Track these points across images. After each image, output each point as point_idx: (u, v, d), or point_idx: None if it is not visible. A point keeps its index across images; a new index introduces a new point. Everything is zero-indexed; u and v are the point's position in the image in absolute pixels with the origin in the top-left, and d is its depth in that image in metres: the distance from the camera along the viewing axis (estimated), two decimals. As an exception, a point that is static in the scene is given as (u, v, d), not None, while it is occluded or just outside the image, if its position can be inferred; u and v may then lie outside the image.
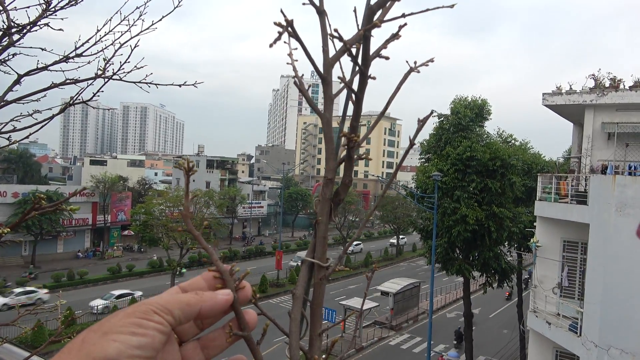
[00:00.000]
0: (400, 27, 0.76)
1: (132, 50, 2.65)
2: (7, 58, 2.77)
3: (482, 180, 23.06)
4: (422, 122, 0.79)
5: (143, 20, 2.73)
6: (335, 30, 0.72)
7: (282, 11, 0.73)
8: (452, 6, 0.82)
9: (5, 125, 2.58)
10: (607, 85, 16.62)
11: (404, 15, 0.78)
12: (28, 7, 2.50)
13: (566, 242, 15.71)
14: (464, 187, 23.30)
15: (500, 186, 23.13)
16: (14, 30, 2.58)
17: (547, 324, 14.80)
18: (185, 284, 0.78)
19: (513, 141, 28.05)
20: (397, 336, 34.60)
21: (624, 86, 16.42)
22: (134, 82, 2.83)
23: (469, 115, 24.03)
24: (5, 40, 2.59)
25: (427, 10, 0.81)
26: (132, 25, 2.71)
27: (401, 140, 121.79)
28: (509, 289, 35.24)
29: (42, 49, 2.81)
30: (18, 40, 2.62)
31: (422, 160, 26.67)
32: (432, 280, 25.11)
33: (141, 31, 2.74)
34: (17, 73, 2.68)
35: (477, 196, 23.26)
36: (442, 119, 24.69)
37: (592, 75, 17.05)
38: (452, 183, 23.41)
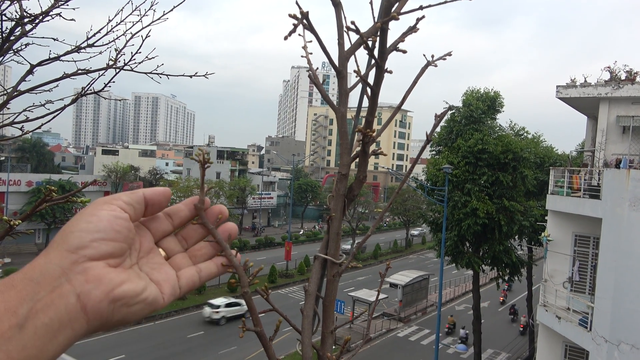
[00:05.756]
0: (418, 19, 0.73)
1: (143, 40, 2.65)
2: (20, 48, 2.78)
3: (494, 173, 22.88)
4: (439, 118, 0.77)
5: (155, 10, 2.72)
6: (352, 23, 0.70)
7: (297, 3, 0.71)
8: (471, -2, 0.79)
9: (18, 115, 2.60)
10: (622, 77, 16.31)
11: (421, 8, 0.75)
12: (40, -4, 2.51)
13: (578, 236, 15.56)
14: (474, 180, 23.14)
15: (511, 179, 22.93)
16: (26, 20, 2.58)
17: (557, 318, 14.70)
18: (167, 209, 0.84)
19: (525, 134, 27.73)
20: (406, 328, 34.68)
21: (641, 79, 16.12)
22: (145, 73, 2.83)
23: (481, 107, 23.78)
24: (18, 30, 2.60)
25: (445, 2, 0.79)
26: (144, 15, 2.70)
27: (412, 132, 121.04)
28: (505, 290, 34.84)
29: (55, 39, 2.82)
30: (30, 30, 2.63)
31: (433, 152, 26.53)
32: (441, 273, 25.05)
33: (152, 21, 2.74)
34: (30, 63, 2.69)
35: (488, 189, 23.10)
36: (453, 111, 24.47)
37: (608, 67, 16.73)
38: (463, 176, 23.26)
